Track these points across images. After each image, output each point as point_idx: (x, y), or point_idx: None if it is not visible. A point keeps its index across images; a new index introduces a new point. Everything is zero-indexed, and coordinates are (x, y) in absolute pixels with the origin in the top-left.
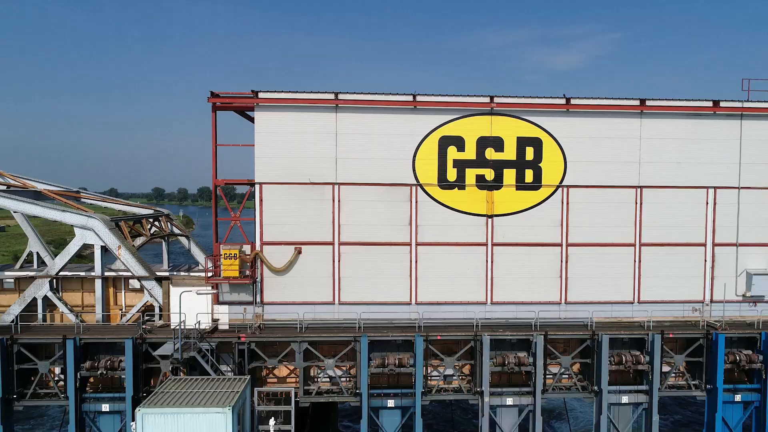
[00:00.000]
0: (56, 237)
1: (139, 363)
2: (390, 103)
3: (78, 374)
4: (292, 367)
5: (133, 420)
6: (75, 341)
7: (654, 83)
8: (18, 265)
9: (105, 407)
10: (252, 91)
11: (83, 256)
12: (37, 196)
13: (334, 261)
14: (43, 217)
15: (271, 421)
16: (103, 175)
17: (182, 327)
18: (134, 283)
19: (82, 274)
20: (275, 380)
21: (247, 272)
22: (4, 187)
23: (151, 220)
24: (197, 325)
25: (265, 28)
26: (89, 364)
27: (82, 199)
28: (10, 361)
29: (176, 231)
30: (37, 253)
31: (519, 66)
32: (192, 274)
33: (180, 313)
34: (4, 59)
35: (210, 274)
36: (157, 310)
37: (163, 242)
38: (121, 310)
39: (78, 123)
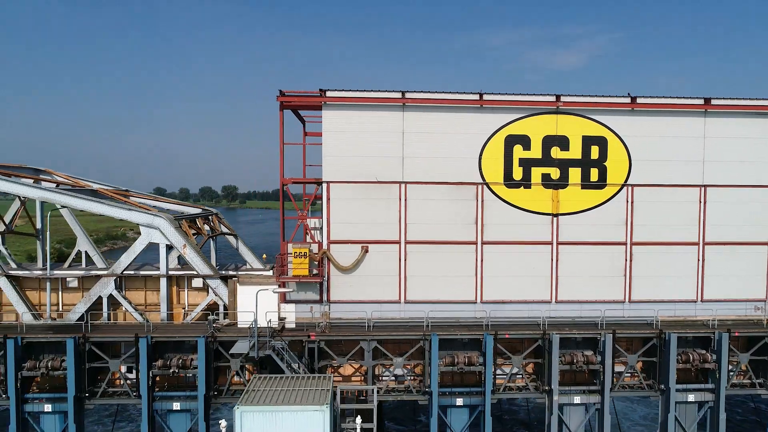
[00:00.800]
0: (66, 237)
1: (210, 361)
2: (456, 102)
3: (150, 372)
4: (357, 366)
5: (217, 419)
6: (147, 340)
7: (654, 83)
8: (67, 264)
9: (176, 405)
10: (320, 90)
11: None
12: (94, 195)
13: (400, 260)
14: (109, 215)
15: (358, 419)
16: (103, 174)
17: (256, 325)
18: (197, 282)
19: (147, 273)
20: (340, 379)
21: (315, 271)
22: (67, 187)
23: (201, 219)
24: (269, 323)
25: (264, 27)
26: (161, 363)
27: (131, 198)
28: (83, 359)
29: (224, 230)
30: (86, 252)
31: (519, 66)
32: (259, 273)
33: (256, 311)
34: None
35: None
36: (221, 309)
37: (212, 241)
38: (184, 308)
39: (75, 120)
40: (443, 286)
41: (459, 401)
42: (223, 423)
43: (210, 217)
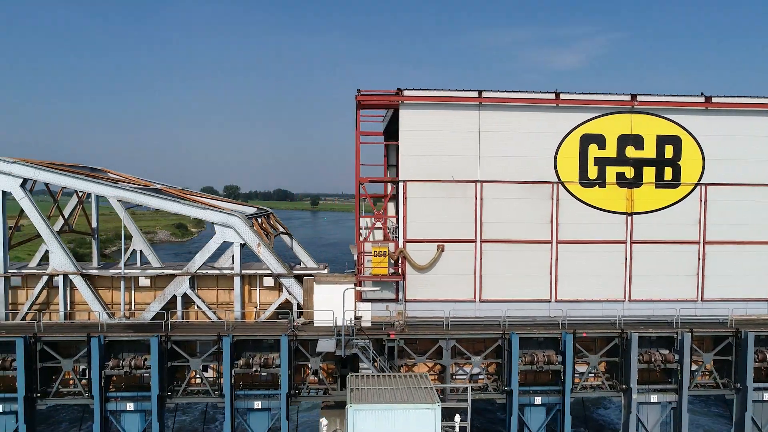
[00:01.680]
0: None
1: (291, 360)
2: (533, 101)
3: (233, 371)
4: (431, 364)
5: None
6: (230, 339)
7: (655, 83)
8: (122, 263)
9: (258, 404)
10: (397, 89)
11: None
12: (158, 193)
13: (476, 258)
14: (185, 215)
15: (457, 417)
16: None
17: (344, 324)
18: (268, 281)
19: (219, 271)
20: None
21: (392, 270)
22: (138, 186)
23: (263, 218)
24: (351, 322)
25: (262, 27)
26: (243, 362)
27: (193, 197)
28: (165, 358)
29: (280, 229)
30: (141, 251)
31: (519, 66)
32: (333, 272)
33: (344, 310)
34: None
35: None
36: (295, 308)
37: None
38: (256, 307)
39: (81, 120)
40: (517, 285)
41: (537, 400)
42: (323, 422)
43: (268, 216)
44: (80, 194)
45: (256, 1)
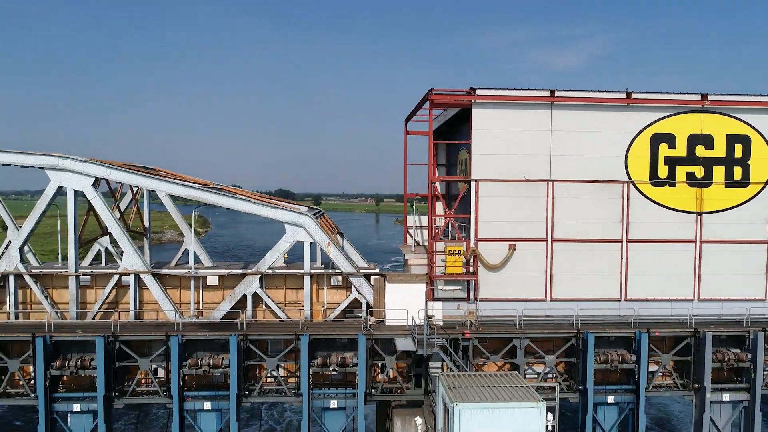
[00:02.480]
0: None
1: (368, 359)
2: (604, 100)
3: (310, 371)
4: (500, 363)
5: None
6: (307, 338)
7: (655, 83)
8: (174, 263)
9: (333, 404)
10: (470, 88)
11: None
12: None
13: (546, 258)
14: (256, 214)
15: (549, 416)
16: None
17: (426, 323)
18: (335, 280)
19: (288, 271)
20: None
21: (465, 269)
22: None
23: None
24: (428, 321)
25: (261, 28)
26: (320, 361)
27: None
28: (242, 357)
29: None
30: (193, 251)
31: (519, 66)
32: (404, 271)
33: (426, 309)
34: None
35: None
36: (364, 307)
37: None
38: (323, 306)
39: (77, 113)
40: (588, 284)
41: (611, 399)
42: (419, 420)
43: (322, 215)
44: (134, 193)
45: (250, 3)
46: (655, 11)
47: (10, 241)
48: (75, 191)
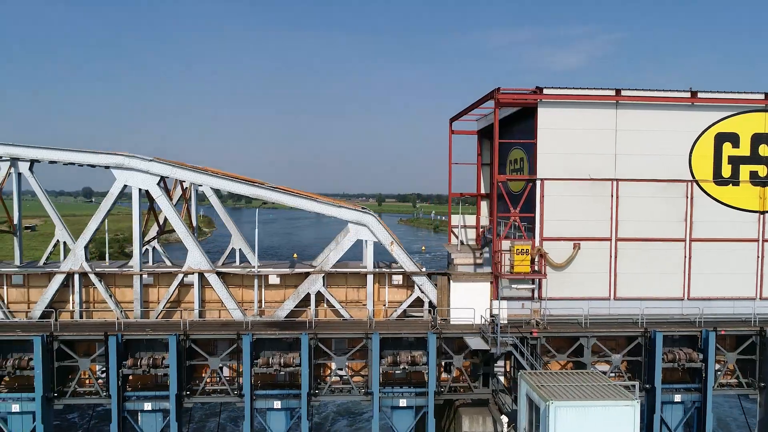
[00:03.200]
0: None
1: (438, 358)
2: (669, 99)
3: (381, 369)
4: (563, 362)
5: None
6: (377, 337)
7: (655, 84)
8: (221, 262)
9: (402, 402)
10: (536, 87)
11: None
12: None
13: (611, 256)
14: (318, 212)
15: None
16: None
17: (498, 322)
18: (396, 279)
19: (350, 269)
20: None
21: (534, 268)
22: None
23: None
24: (487, 320)
25: (261, 26)
26: (390, 360)
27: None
28: (311, 356)
29: None
30: (240, 249)
31: (519, 66)
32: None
33: (499, 308)
34: None
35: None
36: (426, 306)
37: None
38: (384, 305)
39: (81, 119)
40: (651, 283)
41: (677, 397)
42: (504, 419)
43: None
44: (184, 192)
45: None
46: (654, 11)
47: (58, 240)
48: (140, 190)
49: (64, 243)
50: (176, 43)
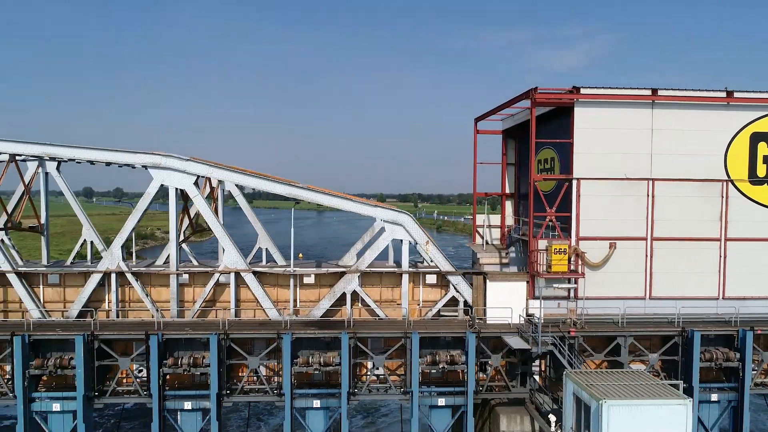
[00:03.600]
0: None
1: (477, 357)
2: (705, 99)
3: (420, 368)
4: (598, 362)
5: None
6: (417, 336)
7: (656, 83)
8: (248, 260)
9: (441, 401)
10: (572, 87)
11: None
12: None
13: (646, 256)
14: (354, 212)
15: None
16: (108, 174)
17: (540, 321)
18: (430, 279)
19: (384, 269)
20: None
21: (570, 267)
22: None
23: None
24: (523, 319)
25: (259, 27)
26: (430, 359)
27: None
28: (350, 355)
29: None
30: (267, 249)
31: (519, 66)
32: (505, 270)
33: (541, 307)
34: None
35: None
36: (461, 305)
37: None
38: (418, 305)
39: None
40: (686, 282)
41: (714, 397)
42: (552, 418)
43: None
44: (213, 191)
45: (251, 5)
46: (654, 11)
47: (85, 239)
48: (176, 189)
49: (92, 242)
50: (177, 43)
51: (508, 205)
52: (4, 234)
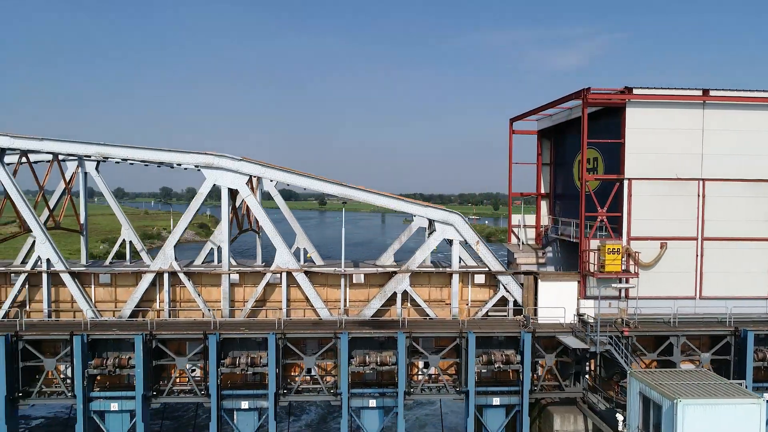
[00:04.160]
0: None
1: (532, 357)
2: (756, 99)
3: (477, 368)
4: (648, 361)
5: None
6: (473, 336)
7: (656, 83)
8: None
9: (496, 401)
10: (625, 87)
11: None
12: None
13: (697, 256)
14: (407, 212)
15: None
16: (109, 174)
17: (599, 321)
18: (478, 279)
19: (432, 269)
20: None
21: (625, 267)
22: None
23: None
24: (575, 319)
25: (258, 28)
26: (485, 359)
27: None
28: (406, 355)
29: None
30: (304, 248)
31: (519, 66)
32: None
33: (598, 307)
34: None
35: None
36: (510, 305)
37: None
38: (467, 304)
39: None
40: (736, 282)
41: (766, 396)
42: (620, 417)
43: None
44: (253, 190)
45: (253, 3)
46: (655, 11)
47: (124, 239)
48: (229, 189)
49: (130, 242)
50: (177, 43)
51: (543, 205)
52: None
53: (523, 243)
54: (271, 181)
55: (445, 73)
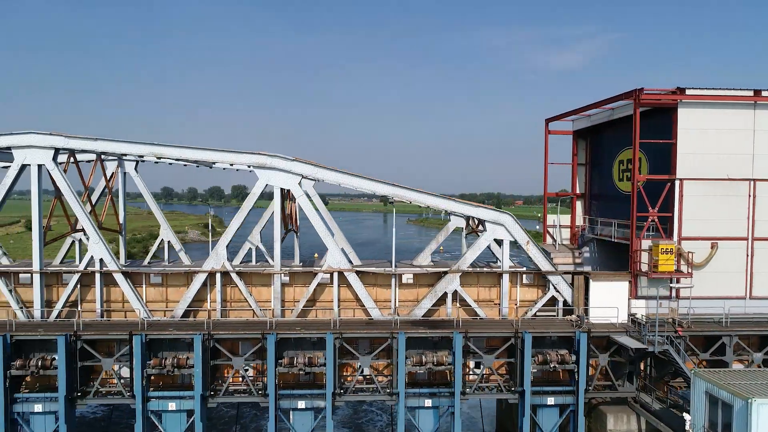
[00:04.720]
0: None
1: (585, 356)
2: None
3: (532, 369)
4: (698, 361)
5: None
6: (529, 336)
7: (656, 83)
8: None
9: (550, 401)
10: (677, 88)
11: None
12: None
13: (747, 256)
14: (458, 212)
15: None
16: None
17: (657, 320)
18: (526, 278)
19: (482, 269)
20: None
21: (677, 267)
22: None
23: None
24: (628, 319)
25: (256, 26)
26: (540, 359)
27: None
28: (460, 356)
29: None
30: (342, 249)
31: (518, 66)
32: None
33: (657, 307)
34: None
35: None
36: (560, 305)
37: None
38: (516, 304)
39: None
40: None
41: None
42: (687, 417)
43: None
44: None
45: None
46: (655, 11)
47: (162, 239)
48: (281, 189)
49: (168, 242)
50: (177, 43)
51: (578, 206)
52: (83, 234)
53: (558, 243)
54: (323, 181)
55: (445, 73)
